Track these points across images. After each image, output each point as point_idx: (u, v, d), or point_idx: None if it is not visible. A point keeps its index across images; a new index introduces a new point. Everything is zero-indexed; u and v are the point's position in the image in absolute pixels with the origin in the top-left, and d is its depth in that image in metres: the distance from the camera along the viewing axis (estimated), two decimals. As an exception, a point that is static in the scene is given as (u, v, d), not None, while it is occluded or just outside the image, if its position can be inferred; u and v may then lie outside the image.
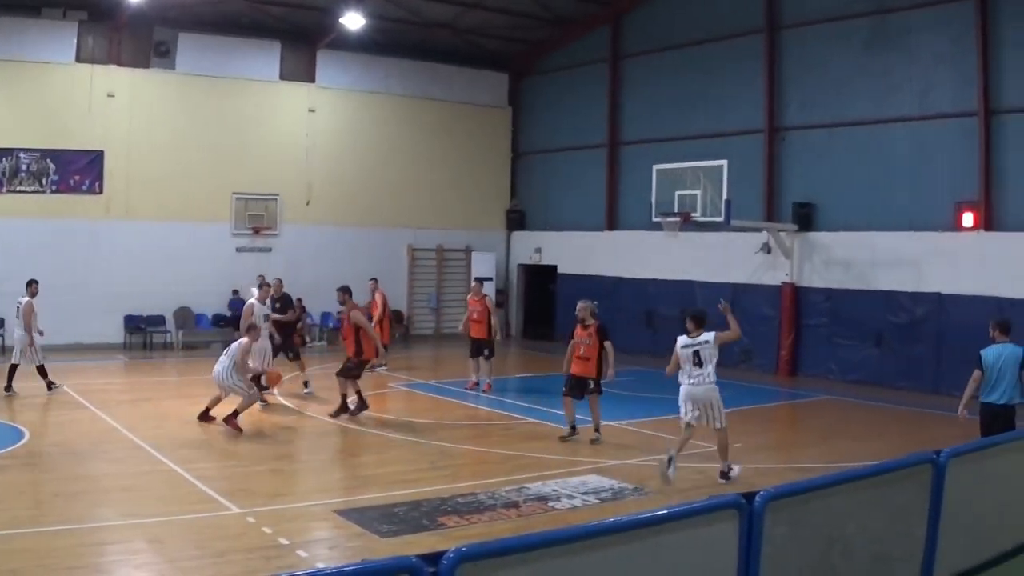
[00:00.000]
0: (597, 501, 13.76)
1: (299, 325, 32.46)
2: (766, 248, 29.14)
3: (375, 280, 27.72)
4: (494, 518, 12.66)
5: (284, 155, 33.93)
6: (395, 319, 35.17)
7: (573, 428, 18.09)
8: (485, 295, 24.87)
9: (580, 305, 18.54)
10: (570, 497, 13.87)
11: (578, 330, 18.22)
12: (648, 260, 32.57)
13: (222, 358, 18.57)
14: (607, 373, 17.96)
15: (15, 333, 22.19)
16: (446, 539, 11.17)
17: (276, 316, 22.36)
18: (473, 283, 26.19)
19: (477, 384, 23.75)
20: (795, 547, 7.58)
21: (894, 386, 25.60)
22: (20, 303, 21.64)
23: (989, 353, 14.82)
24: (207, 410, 18.58)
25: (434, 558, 5.21)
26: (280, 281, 23.78)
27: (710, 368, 15.13)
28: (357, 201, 35.26)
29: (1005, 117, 24.71)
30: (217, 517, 12.33)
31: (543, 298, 37.26)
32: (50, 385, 21.71)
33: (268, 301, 21.87)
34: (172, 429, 18.06)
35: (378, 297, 26.93)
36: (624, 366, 24.70)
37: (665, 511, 6.85)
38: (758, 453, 17.62)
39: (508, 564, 5.57)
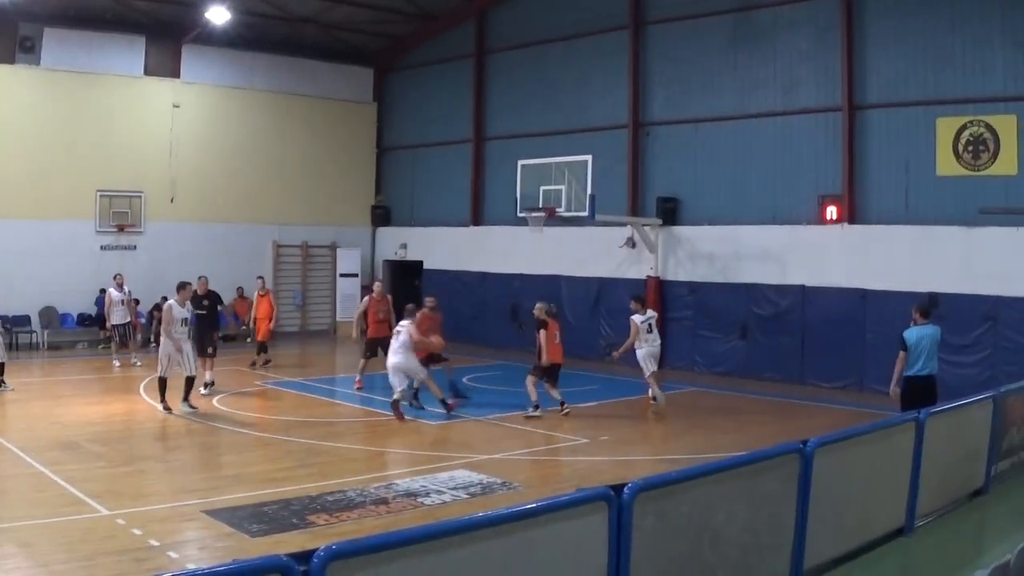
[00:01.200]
0: (466, 496, 13.69)
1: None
2: (631, 242, 29.28)
3: (262, 278, 27.34)
4: (364, 515, 12.51)
5: (149, 151, 33.15)
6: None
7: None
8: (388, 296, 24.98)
9: (538, 306, 20.85)
10: (439, 493, 13.75)
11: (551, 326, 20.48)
12: (514, 255, 32.54)
13: None
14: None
15: None
16: (316, 537, 11.05)
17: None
18: (377, 284, 25.80)
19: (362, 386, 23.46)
20: (665, 538, 7.55)
21: (760, 377, 25.90)
22: None
23: (911, 334, 16.02)
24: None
25: (304, 556, 5.13)
26: (205, 279, 23.36)
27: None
28: (222, 197, 34.66)
29: (869, 112, 25.13)
30: (86, 519, 12.02)
31: (409, 294, 37.07)
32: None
33: (188, 303, 21.01)
34: (39, 431, 17.60)
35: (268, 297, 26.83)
36: (490, 360, 24.74)
37: (534, 505, 6.77)
38: (626, 445, 17.69)
39: (378, 561, 5.49)
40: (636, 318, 21.00)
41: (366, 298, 24.70)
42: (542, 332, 20.13)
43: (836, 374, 24.85)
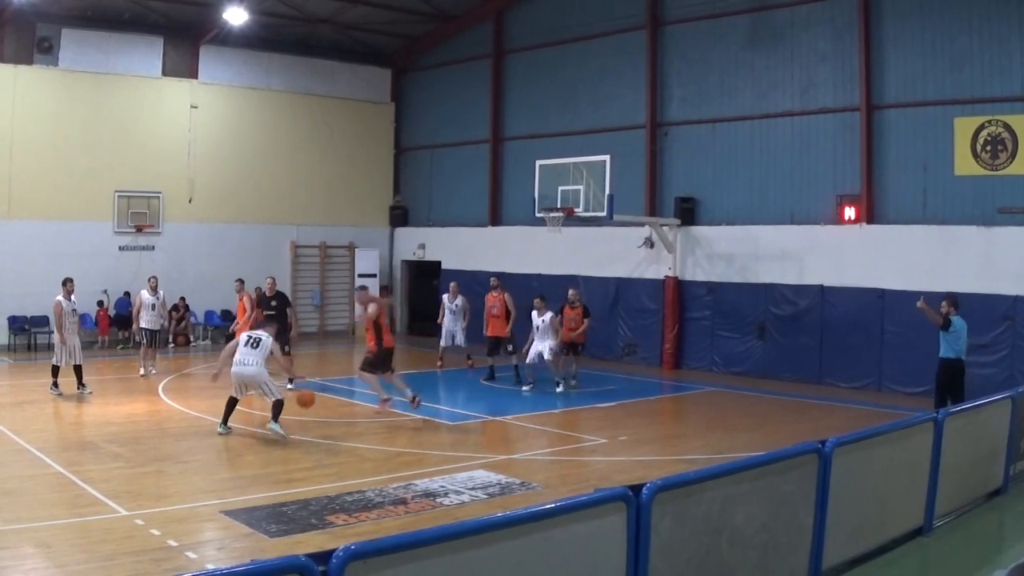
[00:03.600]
0: (485, 496, 13.66)
1: (183, 324, 32.21)
2: (649, 242, 29.25)
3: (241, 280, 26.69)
4: (382, 515, 12.47)
5: (167, 152, 33.18)
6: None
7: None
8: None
9: (572, 291, 24.14)
10: (458, 493, 13.73)
11: (567, 310, 23.42)
12: (532, 255, 32.52)
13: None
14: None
15: None
16: (335, 538, 11.03)
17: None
18: (492, 280, 26.88)
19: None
20: (683, 538, 7.56)
21: (778, 377, 25.87)
22: None
23: (958, 320, 18.08)
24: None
25: (324, 557, 5.16)
26: (272, 279, 23.95)
27: None
28: (240, 198, 34.70)
29: (886, 112, 25.07)
30: (105, 520, 11.99)
31: (427, 294, 37.07)
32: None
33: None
34: (57, 431, 17.69)
35: (245, 300, 26.03)
36: (506, 362, 24.75)
37: (553, 505, 6.80)
38: (644, 446, 17.69)
39: (398, 561, 5.53)
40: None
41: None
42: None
43: (854, 374, 24.82)
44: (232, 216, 34.41)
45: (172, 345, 31.54)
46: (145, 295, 25.02)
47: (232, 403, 17.74)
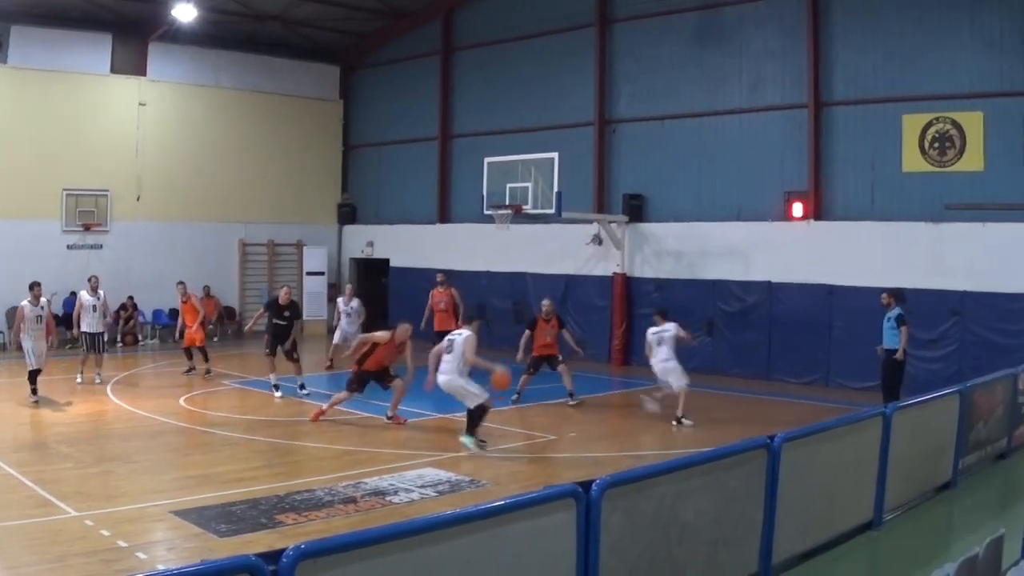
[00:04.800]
0: (435, 494, 13.64)
1: (131, 323, 31.94)
2: (597, 239, 29.30)
3: (183, 283, 26.19)
4: (332, 514, 12.45)
5: (115, 150, 32.87)
6: (227, 316, 34.78)
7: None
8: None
9: (546, 302, 22.66)
10: (407, 491, 13.69)
11: (540, 323, 21.95)
12: (480, 252, 32.50)
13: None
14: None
15: None
16: (285, 537, 11.00)
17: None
18: (439, 276, 26.55)
19: None
20: (633, 534, 7.55)
21: (727, 373, 25.95)
22: None
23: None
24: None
25: (274, 556, 5.18)
26: (288, 288, 23.12)
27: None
28: (188, 196, 34.40)
29: (835, 109, 25.26)
30: (55, 521, 11.93)
31: (376, 292, 36.96)
32: None
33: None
34: (6, 432, 17.46)
35: (193, 301, 25.65)
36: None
37: (503, 502, 6.78)
38: (593, 442, 17.73)
39: (348, 560, 5.59)
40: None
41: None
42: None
43: (803, 369, 24.98)
44: (180, 214, 34.15)
45: (120, 345, 31.26)
46: (85, 296, 23.68)
47: (471, 413, 16.81)
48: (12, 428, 17.86)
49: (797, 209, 25.45)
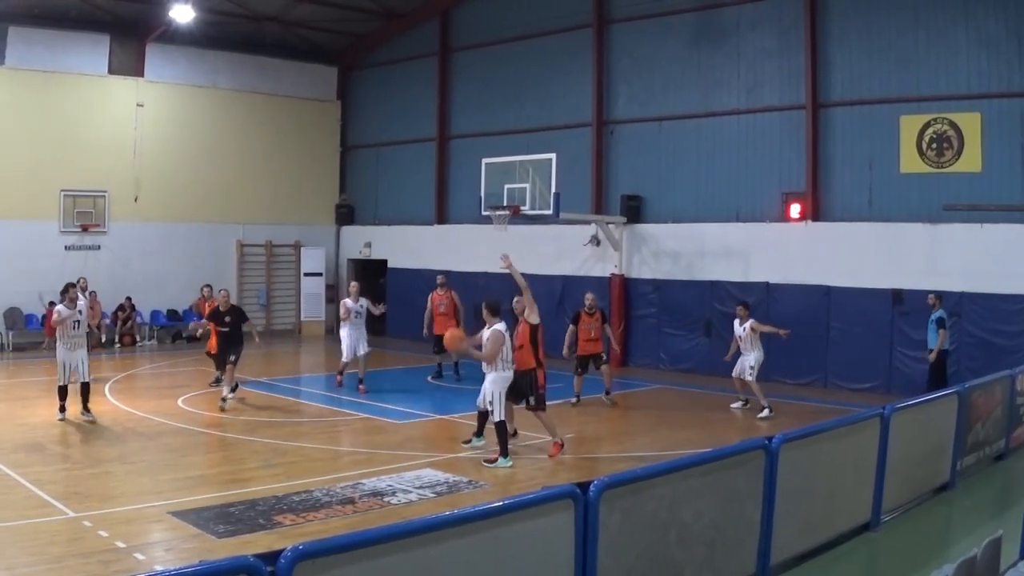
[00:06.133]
0: (433, 495, 13.64)
1: (129, 324, 31.92)
2: (595, 240, 29.29)
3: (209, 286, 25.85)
4: (330, 515, 12.45)
5: (113, 151, 32.84)
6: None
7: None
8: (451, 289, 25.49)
9: (590, 296, 22.72)
10: (406, 492, 13.69)
11: (584, 317, 22.02)
12: (478, 253, 32.39)
13: None
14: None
15: None
16: (283, 538, 10.97)
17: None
18: (439, 278, 26.05)
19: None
20: (631, 535, 7.55)
21: (724, 374, 25.85)
22: None
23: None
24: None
25: (272, 557, 5.16)
26: (226, 292, 22.63)
27: None
28: (186, 197, 34.38)
29: (832, 110, 25.26)
30: (53, 522, 11.92)
31: (374, 292, 36.92)
32: None
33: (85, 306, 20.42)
34: (3, 432, 17.42)
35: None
36: (455, 360, 24.71)
37: (501, 503, 6.78)
38: (591, 443, 17.76)
39: (345, 561, 5.59)
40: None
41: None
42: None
43: (800, 370, 24.95)
44: (178, 215, 34.12)
45: (118, 345, 31.25)
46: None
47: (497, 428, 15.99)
48: (9, 429, 17.81)
49: (795, 210, 25.44)
